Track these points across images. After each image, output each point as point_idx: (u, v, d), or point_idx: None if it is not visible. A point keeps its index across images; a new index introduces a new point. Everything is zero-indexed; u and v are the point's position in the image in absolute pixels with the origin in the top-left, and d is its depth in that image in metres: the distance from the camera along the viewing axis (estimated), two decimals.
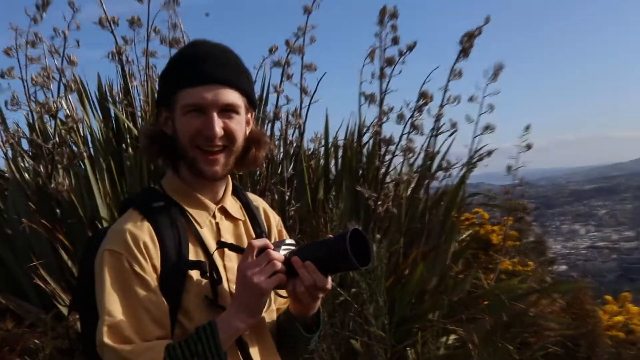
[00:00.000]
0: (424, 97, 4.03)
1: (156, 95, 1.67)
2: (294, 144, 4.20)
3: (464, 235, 4.87)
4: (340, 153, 4.40)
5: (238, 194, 1.76)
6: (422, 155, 4.38)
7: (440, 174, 4.43)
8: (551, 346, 4.30)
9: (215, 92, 1.52)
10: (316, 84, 4.03)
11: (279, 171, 4.09)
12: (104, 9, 3.97)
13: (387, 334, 3.57)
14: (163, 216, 1.55)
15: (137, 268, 1.47)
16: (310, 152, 4.43)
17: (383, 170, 4.27)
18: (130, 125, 3.99)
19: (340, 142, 4.43)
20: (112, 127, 4.10)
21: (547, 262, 6.22)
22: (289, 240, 1.55)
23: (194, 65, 1.53)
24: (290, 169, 4.15)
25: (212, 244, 1.59)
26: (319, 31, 3.99)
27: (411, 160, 4.42)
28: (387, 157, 4.26)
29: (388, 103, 4.20)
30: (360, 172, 4.30)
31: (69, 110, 3.81)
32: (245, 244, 1.57)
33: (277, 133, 4.17)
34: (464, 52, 4.21)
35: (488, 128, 4.40)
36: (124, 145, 3.99)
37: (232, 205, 1.70)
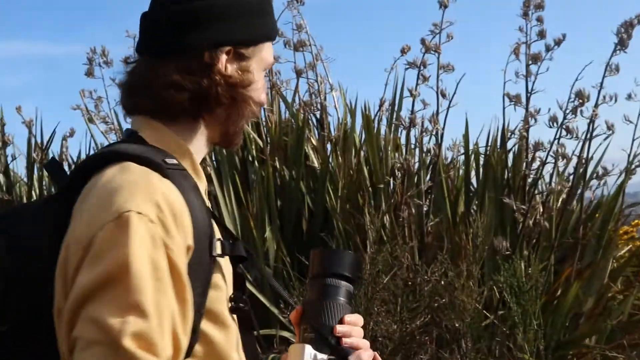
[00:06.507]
0: (580, 97, 3.65)
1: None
2: (431, 153, 4.00)
3: (623, 251, 4.49)
4: (481, 161, 4.13)
5: None
6: (573, 162, 4.00)
7: (594, 182, 4.07)
8: None
9: None
10: (455, 86, 3.84)
11: (415, 182, 3.86)
12: None
13: None
14: (183, 178, 1.08)
15: (173, 250, 0.99)
16: (448, 161, 4.23)
17: (530, 179, 3.95)
18: (255, 136, 3.88)
19: (482, 149, 4.17)
20: None
21: None
22: None
23: (271, 12, 1.24)
24: (427, 180, 3.92)
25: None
26: (456, 27, 3.79)
27: (561, 168, 4.12)
28: (535, 165, 3.89)
29: (534, 104, 3.90)
30: (505, 181, 4.01)
31: None
32: None
33: (412, 141, 3.99)
34: (622, 44, 3.80)
35: None
36: (250, 158, 3.86)
37: None
